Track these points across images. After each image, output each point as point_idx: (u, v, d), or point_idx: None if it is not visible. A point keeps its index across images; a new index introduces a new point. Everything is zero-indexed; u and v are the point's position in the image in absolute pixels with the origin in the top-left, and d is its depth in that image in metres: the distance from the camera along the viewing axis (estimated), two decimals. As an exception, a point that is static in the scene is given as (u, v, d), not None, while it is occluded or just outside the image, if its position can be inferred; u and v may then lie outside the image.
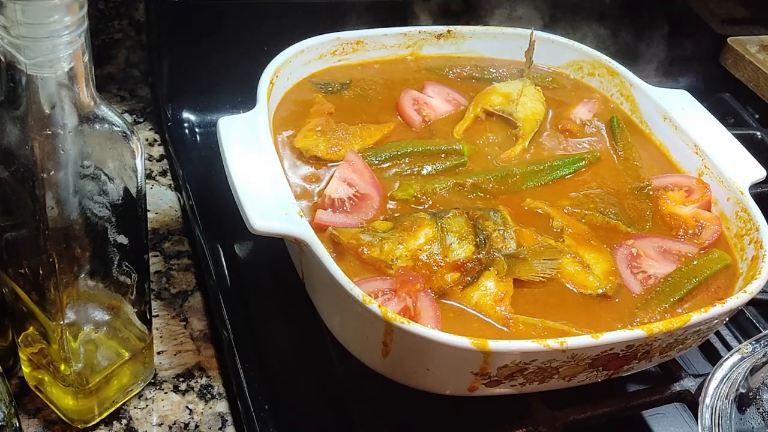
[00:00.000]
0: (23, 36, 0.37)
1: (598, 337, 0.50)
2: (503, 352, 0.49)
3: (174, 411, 0.57)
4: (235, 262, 0.67)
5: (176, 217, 0.72)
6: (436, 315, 0.53)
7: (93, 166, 0.43)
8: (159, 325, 0.62)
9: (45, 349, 0.50)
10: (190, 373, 0.59)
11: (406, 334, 0.48)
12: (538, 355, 0.50)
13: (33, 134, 0.40)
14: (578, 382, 0.55)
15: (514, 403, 0.57)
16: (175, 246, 0.69)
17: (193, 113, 0.80)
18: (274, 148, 0.57)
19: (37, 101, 0.39)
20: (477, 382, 0.52)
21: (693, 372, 0.63)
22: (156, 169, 0.76)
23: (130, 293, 0.50)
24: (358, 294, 0.49)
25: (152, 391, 0.57)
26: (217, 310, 0.62)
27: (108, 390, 0.53)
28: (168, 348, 0.61)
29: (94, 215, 0.44)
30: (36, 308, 0.48)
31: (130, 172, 0.45)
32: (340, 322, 0.55)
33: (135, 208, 0.46)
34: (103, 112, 0.42)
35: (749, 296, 0.55)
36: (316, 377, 0.61)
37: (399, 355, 0.51)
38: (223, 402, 0.58)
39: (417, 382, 0.55)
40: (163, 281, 0.66)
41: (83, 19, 0.38)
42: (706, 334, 0.60)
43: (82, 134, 0.41)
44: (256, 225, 0.53)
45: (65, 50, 0.38)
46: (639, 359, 0.55)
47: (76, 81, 0.40)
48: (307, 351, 0.62)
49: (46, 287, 0.45)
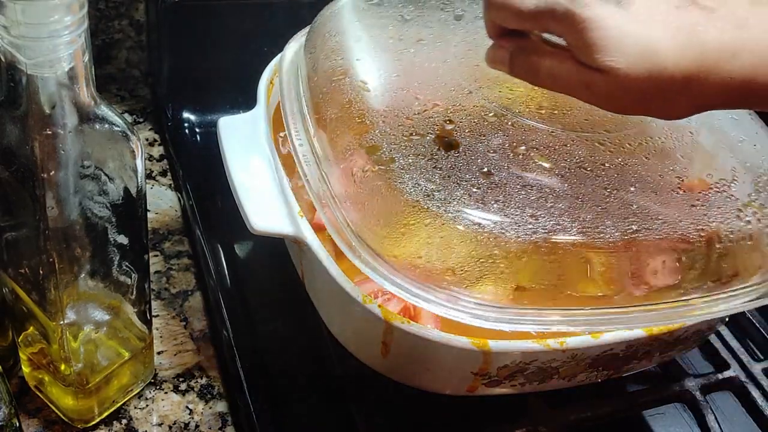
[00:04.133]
0: (23, 36, 0.37)
1: (598, 337, 0.50)
2: (503, 352, 0.49)
3: (174, 411, 0.57)
4: (235, 262, 0.67)
5: (176, 217, 0.72)
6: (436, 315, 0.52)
7: (93, 166, 0.43)
8: (159, 325, 0.62)
9: (45, 349, 0.50)
10: (190, 373, 0.59)
11: (406, 334, 0.48)
12: (539, 355, 0.50)
13: (33, 134, 0.40)
14: (578, 382, 0.55)
15: (514, 403, 0.57)
16: (175, 246, 0.69)
17: (193, 113, 0.80)
18: (274, 148, 0.57)
19: (37, 101, 0.39)
20: (477, 382, 0.52)
21: (693, 372, 0.64)
22: (156, 169, 0.76)
23: (130, 293, 0.50)
24: (358, 294, 0.49)
25: (152, 391, 0.57)
26: (217, 310, 0.62)
27: (108, 390, 0.53)
28: (168, 348, 0.61)
29: (94, 215, 0.44)
30: (36, 308, 0.48)
31: (130, 172, 0.45)
32: (340, 322, 0.56)
33: (135, 208, 0.46)
34: (104, 111, 0.42)
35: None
36: (316, 377, 0.61)
37: (399, 355, 0.51)
38: (223, 402, 0.58)
39: (417, 382, 0.55)
40: (163, 281, 0.66)
41: (83, 18, 0.38)
42: (707, 334, 0.60)
43: (82, 134, 0.41)
44: (256, 225, 0.53)
45: (65, 50, 0.38)
46: (639, 359, 0.55)
47: (77, 81, 0.40)
48: (308, 351, 0.62)
49: (46, 287, 0.45)
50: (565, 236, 0.48)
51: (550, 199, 0.48)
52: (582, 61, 0.43)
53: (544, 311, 0.48)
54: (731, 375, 0.64)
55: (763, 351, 0.68)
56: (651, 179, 0.51)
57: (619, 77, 0.42)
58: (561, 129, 0.52)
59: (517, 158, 0.50)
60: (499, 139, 0.51)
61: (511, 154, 0.50)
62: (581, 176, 0.50)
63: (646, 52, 0.41)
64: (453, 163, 0.49)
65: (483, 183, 0.48)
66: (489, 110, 0.52)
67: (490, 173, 0.49)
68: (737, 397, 0.63)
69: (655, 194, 0.51)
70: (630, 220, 0.49)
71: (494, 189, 0.48)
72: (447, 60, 0.56)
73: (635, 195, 0.50)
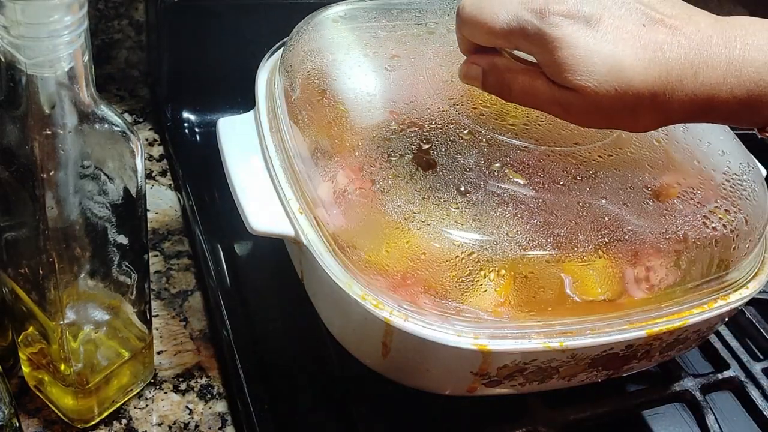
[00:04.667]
0: (23, 36, 0.37)
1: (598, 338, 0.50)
2: (503, 352, 0.49)
3: (174, 411, 0.57)
4: (235, 262, 0.67)
5: (176, 217, 0.72)
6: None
7: (93, 166, 0.43)
8: (159, 325, 0.62)
9: (45, 349, 0.50)
10: (189, 373, 0.59)
11: (405, 335, 0.48)
12: (538, 355, 0.50)
13: (33, 134, 0.40)
14: (578, 382, 0.55)
15: (514, 403, 0.57)
16: (175, 246, 0.69)
17: (192, 113, 0.80)
18: (273, 148, 0.57)
19: (37, 101, 0.39)
20: (477, 383, 0.52)
21: (693, 372, 0.64)
22: (156, 168, 0.76)
23: (130, 293, 0.50)
24: (357, 294, 0.49)
25: (152, 391, 0.57)
26: (217, 309, 0.62)
27: (108, 390, 0.53)
28: (168, 348, 0.61)
29: (94, 215, 0.44)
30: (36, 308, 0.48)
31: (130, 171, 0.45)
32: (340, 322, 0.56)
33: (135, 207, 0.46)
34: (103, 111, 0.42)
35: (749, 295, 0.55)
36: (316, 377, 0.61)
37: (398, 355, 0.51)
38: (223, 402, 0.58)
39: (417, 382, 0.55)
40: (163, 281, 0.66)
41: (83, 18, 0.38)
42: (707, 334, 0.60)
43: (82, 134, 0.41)
44: (255, 226, 0.53)
45: (65, 50, 0.38)
46: (639, 359, 0.55)
47: (76, 81, 0.40)
48: (307, 351, 0.62)
49: (46, 287, 0.45)
50: (540, 251, 0.49)
51: (525, 216, 0.50)
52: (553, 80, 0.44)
53: (523, 324, 0.49)
54: (731, 375, 0.64)
55: (763, 351, 0.68)
56: (621, 191, 0.53)
57: (589, 95, 0.43)
58: (534, 144, 0.54)
59: (493, 175, 0.52)
60: (475, 156, 0.52)
61: (487, 171, 0.52)
62: (555, 191, 0.52)
63: (613, 70, 0.43)
64: (431, 183, 0.51)
65: (461, 202, 0.50)
66: (464, 127, 0.54)
67: (467, 192, 0.51)
68: (737, 397, 0.63)
69: (626, 206, 0.52)
70: (602, 232, 0.51)
71: (472, 207, 0.50)
72: (421, 76, 0.57)
73: (607, 207, 0.52)
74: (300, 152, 0.55)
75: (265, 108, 0.61)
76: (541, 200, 0.51)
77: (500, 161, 0.52)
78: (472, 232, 0.49)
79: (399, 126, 0.54)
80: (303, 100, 0.57)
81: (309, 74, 0.58)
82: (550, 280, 0.49)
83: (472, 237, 0.49)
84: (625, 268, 0.51)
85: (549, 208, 0.51)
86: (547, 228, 0.50)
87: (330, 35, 0.62)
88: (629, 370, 0.57)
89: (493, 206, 0.50)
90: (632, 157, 0.55)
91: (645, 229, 0.51)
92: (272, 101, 0.60)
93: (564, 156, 0.54)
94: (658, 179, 0.54)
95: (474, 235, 0.49)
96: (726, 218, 0.54)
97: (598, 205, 0.52)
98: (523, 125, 0.55)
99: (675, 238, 0.52)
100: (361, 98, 0.57)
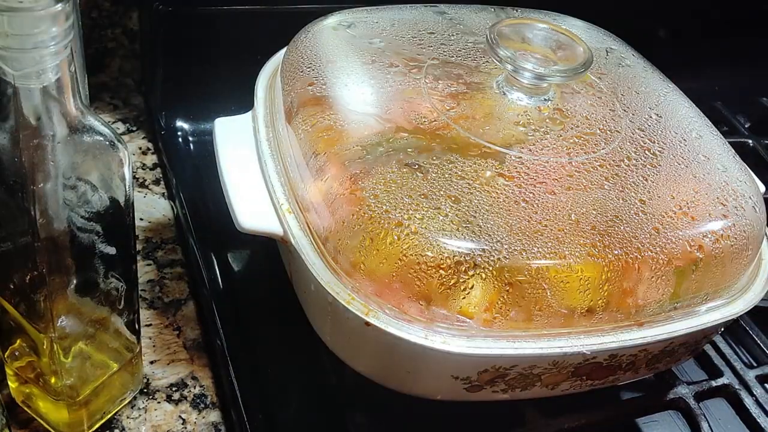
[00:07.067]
0: (9, 47, 0.37)
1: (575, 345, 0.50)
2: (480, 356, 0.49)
3: (167, 421, 0.56)
4: (228, 271, 0.67)
5: (169, 226, 0.72)
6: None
7: (81, 176, 0.43)
8: (152, 335, 0.62)
9: (34, 363, 0.50)
10: (183, 382, 0.59)
11: (383, 335, 0.48)
12: (518, 361, 0.50)
13: (22, 145, 0.40)
14: (562, 391, 0.55)
15: (508, 411, 0.57)
16: (168, 255, 0.69)
17: (186, 122, 0.80)
18: (267, 148, 0.58)
19: (25, 112, 0.39)
20: (458, 387, 0.52)
21: (686, 379, 0.63)
22: (149, 177, 0.76)
23: (119, 303, 0.50)
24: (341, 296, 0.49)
25: (145, 401, 0.57)
26: (211, 318, 0.62)
27: (97, 402, 0.53)
28: (161, 357, 0.60)
29: (83, 225, 0.44)
30: (24, 321, 0.48)
31: (118, 181, 0.44)
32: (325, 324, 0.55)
33: (123, 217, 0.46)
34: (90, 122, 0.42)
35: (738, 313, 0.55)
36: (310, 386, 0.61)
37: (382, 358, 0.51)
38: (217, 411, 0.58)
39: (403, 387, 0.54)
40: (156, 290, 0.65)
41: (69, 29, 0.38)
42: (698, 347, 0.60)
43: (70, 144, 0.41)
44: (243, 223, 0.53)
45: (52, 61, 0.38)
46: (625, 370, 0.55)
47: (63, 91, 0.40)
48: (301, 359, 0.62)
49: (35, 300, 0.45)
50: (528, 260, 0.49)
51: (514, 224, 0.50)
52: None
53: (504, 331, 0.49)
54: (725, 382, 0.63)
55: (757, 358, 0.68)
56: (614, 204, 0.53)
57: None
58: (527, 153, 0.54)
59: (484, 184, 0.51)
60: (466, 164, 0.52)
61: (478, 179, 0.52)
62: (546, 201, 0.52)
63: None
64: (423, 191, 0.50)
65: (451, 209, 0.50)
66: (457, 135, 0.54)
67: (459, 199, 0.50)
68: (731, 405, 0.63)
69: (618, 218, 0.52)
70: (592, 243, 0.50)
71: (461, 215, 0.50)
72: (417, 85, 0.58)
73: (598, 218, 0.52)
74: (294, 154, 0.55)
75: (262, 110, 0.61)
76: (531, 210, 0.51)
77: (492, 170, 0.52)
78: (461, 240, 0.49)
79: (392, 133, 0.54)
80: (300, 105, 0.57)
81: (307, 80, 0.58)
82: (536, 288, 0.49)
83: (460, 244, 0.49)
84: (613, 280, 0.50)
85: (539, 217, 0.51)
86: (535, 237, 0.50)
87: (329, 43, 0.62)
88: (615, 381, 0.57)
89: (483, 214, 0.50)
90: (627, 169, 0.55)
91: (636, 242, 0.51)
92: (270, 104, 0.61)
93: (557, 166, 0.54)
94: (653, 193, 0.54)
95: (462, 243, 0.49)
96: (721, 234, 0.54)
97: (589, 216, 0.51)
98: (517, 137, 0.55)
99: (667, 252, 0.52)
100: (357, 105, 0.57)
